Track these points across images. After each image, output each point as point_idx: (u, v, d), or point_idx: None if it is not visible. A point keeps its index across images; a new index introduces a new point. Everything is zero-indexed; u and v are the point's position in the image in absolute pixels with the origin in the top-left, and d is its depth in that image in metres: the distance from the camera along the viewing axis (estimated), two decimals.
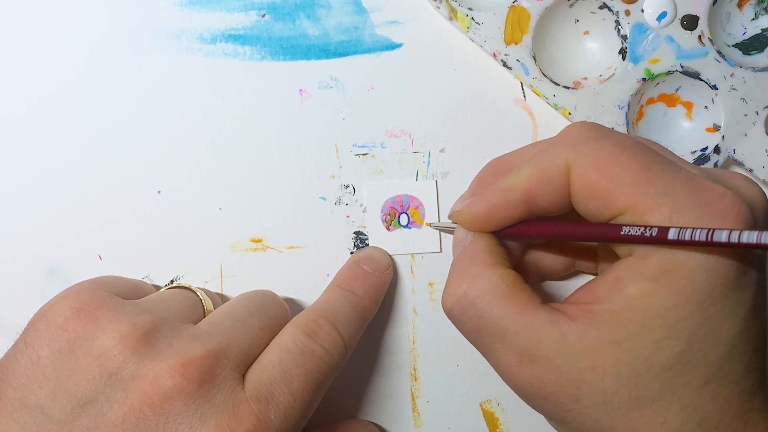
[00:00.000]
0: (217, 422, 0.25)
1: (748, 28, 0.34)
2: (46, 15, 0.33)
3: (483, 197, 0.28)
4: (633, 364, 0.24)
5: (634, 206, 0.24)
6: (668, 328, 0.24)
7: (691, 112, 0.34)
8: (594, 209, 0.25)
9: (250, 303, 0.30)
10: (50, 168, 0.33)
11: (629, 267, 0.25)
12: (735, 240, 0.22)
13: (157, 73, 0.34)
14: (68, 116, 0.33)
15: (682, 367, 0.24)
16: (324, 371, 0.28)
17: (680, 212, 0.24)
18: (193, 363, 0.26)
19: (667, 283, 0.24)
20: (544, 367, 0.25)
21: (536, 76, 0.33)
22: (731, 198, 0.24)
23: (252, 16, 0.34)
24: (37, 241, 0.33)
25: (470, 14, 0.33)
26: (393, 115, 0.34)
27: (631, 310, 0.24)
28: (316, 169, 0.34)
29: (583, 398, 0.25)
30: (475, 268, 0.27)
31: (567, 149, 0.26)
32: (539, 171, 0.26)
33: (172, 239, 0.34)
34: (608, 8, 0.33)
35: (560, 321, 0.25)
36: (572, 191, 0.26)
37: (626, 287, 0.25)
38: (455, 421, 0.35)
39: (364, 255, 0.33)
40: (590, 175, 0.25)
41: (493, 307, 0.26)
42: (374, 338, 0.34)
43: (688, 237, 0.23)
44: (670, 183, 0.24)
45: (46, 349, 0.26)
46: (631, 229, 0.24)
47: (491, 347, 0.26)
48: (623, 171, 0.25)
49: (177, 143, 0.34)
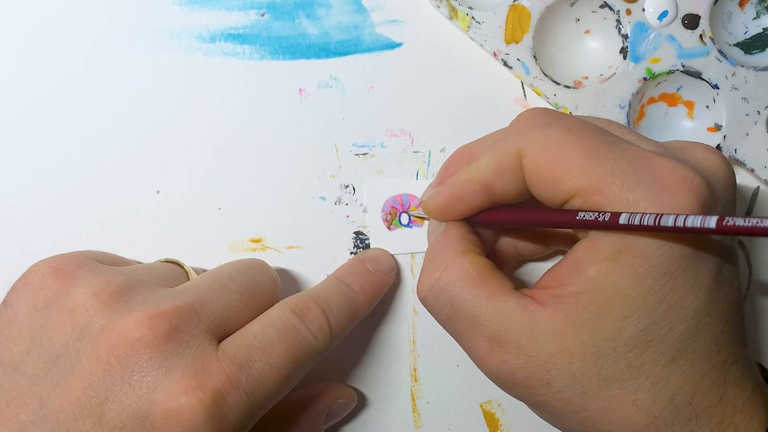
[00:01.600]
0: (184, 375, 0.25)
1: (749, 27, 0.34)
2: (44, 14, 0.33)
3: (444, 188, 0.29)
4: (598, 345, 0.24)
5: (583, 189, 0.24)
6: (629, 306, 0.24)
7: (692, 112, 0.34)
8: (547, 195, 0.26)
9: (232, 268, 0.30)
10: (48, 168, 0.33)
11: (586, 248, 0.25)
12: (681, 224, 0.22)
13: (155, 72, 0.33)
14: (66, 116, 0.33)
15: (648, 344, 0.24)
16: (305, 352, 0.28)
17: (629, 190, 0.24)
18: (161, 316, 0.25)
19: (624, 261, 0.24)
20: (513, 352, 0.25)
21: (537, 75, 0.33)
22: (682, 171, 0.24)
23: (251, 15, 0.34)
24: (36, 241, 0.33)
25: (470, 13, 0.33)
26: (393, 114, 0.34)
27: (592, 292, 0.24)
28: (316, 168, 0.34)
29: (553, 381, 0.25)
30: (447, 255, 0.28)
31: (518, 137, 0.26)
32: (495, 160, 0.27)
33: (171, 239, 0.33)
34: (609, 7, 0.33)
35: (530, 306, 0.25)
36: (526, 178, 0.26)
37: (586, 269, 0.25)
38: (455, 422, 0.34)
39: (369, 254, 0.33)
40: (539, 162, 0.25)
41: (465, 294, 0.26)
42: (374, 339, 0.34)
43: (637, 222, 0.23)
44: (617, 161, 0.24)
45: (23, 307, 0.27)
46: (586, 215, 0.24)
47: (464, 334, 0.27)
48: (570, 154, 0.25)
49: (176, 143, 0.33)
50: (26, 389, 0.25)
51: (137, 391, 0.24)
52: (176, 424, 0.24)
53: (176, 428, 0.24)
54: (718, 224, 0.21)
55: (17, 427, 0.25)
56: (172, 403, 0.24)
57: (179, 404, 0.24)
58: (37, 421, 0.25)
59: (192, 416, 0.24)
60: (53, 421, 0.24)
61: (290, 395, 0.28)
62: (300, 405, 0.32)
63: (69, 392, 0.25)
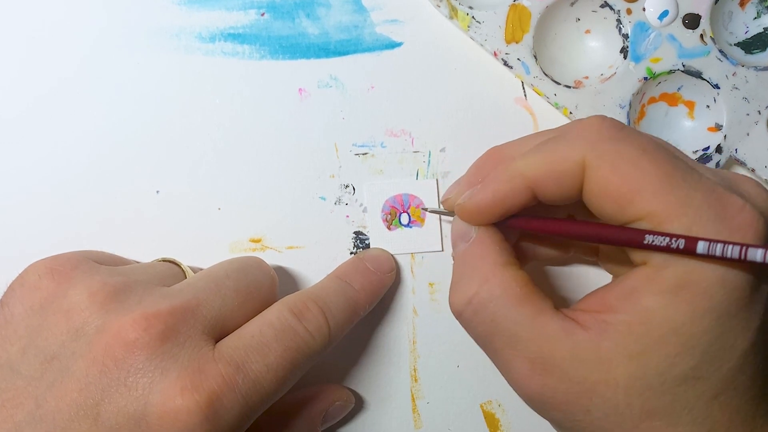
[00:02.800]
0: (180, 376, 0.24)
1: (750, 26, 0.34)
2: (43, 13, 0.33)
3: (486, 185, 0.27)
4: (647, 378, 0.24)
5: (654, 214, 0.24)
6: (683, 343, 0.24)
7: (692, 112, 0.34)
8: (610, 212, 0.25)
9: (229, 266, 0.29)
10: (47, 168, 0.33)
11: (645, 277, 0.24)
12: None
13: (155, 72, 0.33)
14: (65, 116, 0.33)
15: (695, 381, 0.24)
16: (303, 352, 0.27)
17: (701, 224, 0.23)
18: (157, 317, 0.25)
19: (684, 297, 0.24)
20: (556, 376, 0.25)
21: (537, 75, 0.33)
22: (750, 212, 0.24)
23: (251, 14, 0.34)
24: (36, 241, 0.33)
25: (471, 13, 0.33)
26: (393, 114, 0.34)
27: (646, 323, 0.24)
28: (316, 168, 0.34)
29: (594, 409, 0.24)
30: (486, 268, 0.27)
31: (585, 146, 0.25)
32: (550, 162, 0.26)
33: (171, 239, 0.33)
34: (610, 7, 0.33)
35: (573, 330, 0.25)
36: (586, 189, 0.25)
37: (641, 299, 0.24)
38: (456, 423, 0.34)
39: (369, 254, 0.33)
40: (609, 178, 0.24)
41: (507, 312, 0.26)
42: (374, 339, 0.34)
43: (719, 252, 0.22)
44: (691, 192, 0.24)
45: (19, 308, 0.27)
46: (656, 239, 0.23)
47: (502, 352, 0.26)
48: (644, 176, 0.24)
49: (176, 143, 0.33)
50: (22, 390, 0.25)
51: (133, 393, 0.24)
52: (172, 425, 0.24)
53: (172, 430, 0.24)
54: None
55: (13, 427, 0.25)
56: (168, 404, 0.24)
57: (175, 406, 0.24)
58: (33, 421, 0.25)
59: (188, 418, 0.24)
60: (49, 422, 0.24)
61: (287, 396, 0.28)
62: (297, 406, 0.32)
63: (65, 393, 0.25)
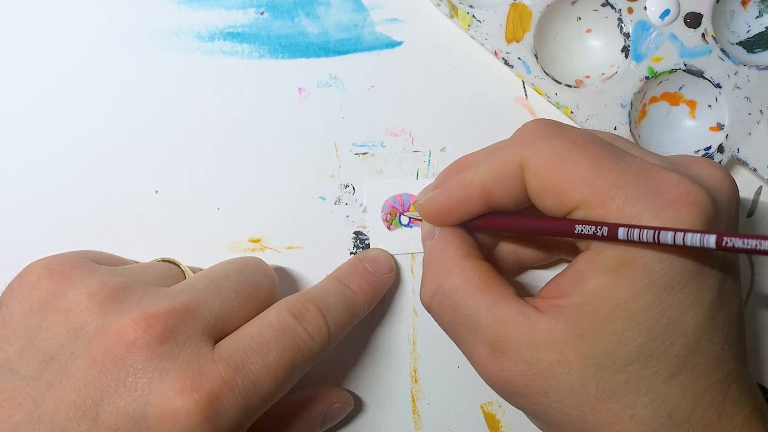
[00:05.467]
0: (179, 377, 0.24)
1: (752, 25, 0.34)
2: (42, 13, 0.33)
3: (443, 191, 0.29)
4: (598, 357, 0.24)
5: (586, 200, 0.24)
6: (629, 320, 0.24)
7: (694, 111, 0.34)
8: (550, 205, 0.26)
9: (229, 267, 0.29)
10: (46, 167, 0.33)
11: (589, 260, 0.25)
12: (680, 241, 0.22)
13: (154, 71, 0.33)
14: (64, 115, 0.33)
15: (647, 359, 0.24)
16: (302, 353, 0.27)
17: (632, 203, 0.24)
18: (156, 317, 0.25)
19: (625, 275, 0.24)
20: (513, 359, 0.25)
21: (538, 74, 0.33)
22: (687, 185, 0.24)
23: (251, 13, 0.33)
24: (35, 241, 0.33)
25: (471, 12, 0.33)
26: (393, 113, 0.34)
27: (593, 304, 0.24)
28: (316, 168, 0.34)
29: (551, 391, 0.25)
30: (448, 260, 0.28)
31: (521, 147, 0.26)
32: (495, 168, 0.27)
33: (170, 239, 0.33)
34: (611, 6, 0.33)
35: (531, 314, 0.25)
36: (528, 189, 0.26)
37: (587, 281, 0.25)
38: (456, 423, 0.34)
39: (369, 254, 0.33)
40: (543, 173, 0.25)
41: (467, 299, 0.27)
42: (374, 339, 0.34)
43: (635, 237, 0.23)
44: (622, 174, 0.24)
45: (17, 308, 0.27)
46: (584, 228, 0.24)
47: (465, 339, 0.27)
48: (574, 166, 0.25)
49: (175, 142, 0.33)
50: (21, 390, 0.25)
51: (132, 393, 0.24)
52: (171, 426, 0.24)
53: (172, 430, 0.24)
54: (717, 243, 0.21)
55: (12, 428, 0.25)
56: (167, 405, 0.24)
57: (174, 406, 0.24)
58: (31, 422, 0.24)
59: (187, 419, 0.24)
60: (48, 422, 0.24)
61: (286, 398, 0.28)
62: (296, 408, 0.31)
63: (64, 394, 0.25)
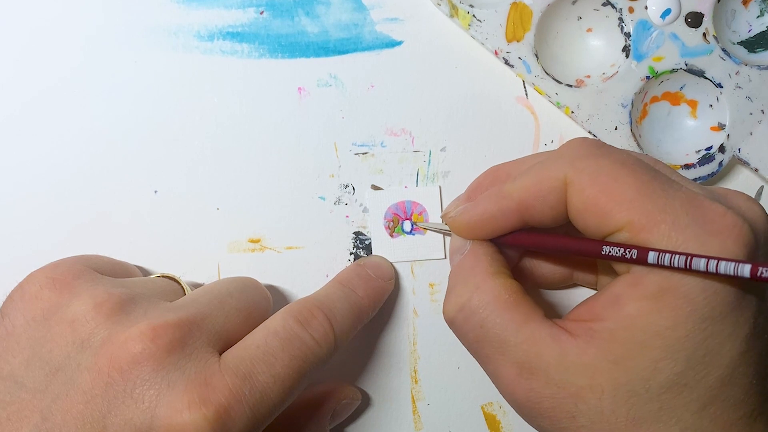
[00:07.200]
0: (186, 389, 0.24)
1: (753, 25, 0.34)
2: (41, 11, 0.33)
3: (477, 204, 0.28)
4: (631, 384, 0.24)
5: (632, 223, 0.24)
6: (667, 348, 0.23)
7: (695, 111, 0.34)
8: (592, 225, 0.25)
9: (230, 285, 0.29)
10: (45, 167, 0.33)
11: (627, 284, 0.25)
12: (713, 269, 0.22)
13: (153, 70, 0.33)
14: (63, 114, 0.33)
15: (681, 388, 0.24)
16: (309, 361, 0.27)
17: (679, 230, 0.23)
18: (163, 328, 0.25)
19: (665, 302, 0.24)
20: (542, 381, 0.25)
21: (538, 74, 0.33)
22: (732, 217, 0.24)
23: (250, 13, 0.33)
24: (33, 241, 0.33)
25: (471, 11, 0.33)
26: (393, 113, 0.34)
27: (629, 329, 0.24)
28: (315, 168, 0.34)
29: (579, 416, 0.24)
30: (478, 277, 0.27)
31: (566, 164, 0.26)
32: (536, 182, 0.26)
33: (169, 240, 0.33)
34: (611, 5, 0.33)
35: (561, 337, 0.25)
36: (570, 207, 0.26)
37: (625, 306, 0.24)
38: (456, 424, 0.34)
39: (370, 261, 0.33)
40: (588, 191, 0.25)
41: (496, 318, 0.26)
42: (374, 340, 0.34)
43: (666, 262, 0.22)
44: (669, 200, 0.24)
45: (20, 319, 0.26)
46: (612, 250, 0.24)
47: (492, 358, 0.26)
48: (622, 187, 0.24)
49: (174, 142, 0.33)
50: (27, 403, 0.25)
51: (140, 405, 0.24)
52: None
53: None
54: (752, 273, 0.21)
55: None
56: (175, 418, 0.24)
57: (182, 420, 0.24)
58: None
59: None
60: None
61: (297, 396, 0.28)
62: (306, 407, 0.31)
63: (71, 406, 0.24)
